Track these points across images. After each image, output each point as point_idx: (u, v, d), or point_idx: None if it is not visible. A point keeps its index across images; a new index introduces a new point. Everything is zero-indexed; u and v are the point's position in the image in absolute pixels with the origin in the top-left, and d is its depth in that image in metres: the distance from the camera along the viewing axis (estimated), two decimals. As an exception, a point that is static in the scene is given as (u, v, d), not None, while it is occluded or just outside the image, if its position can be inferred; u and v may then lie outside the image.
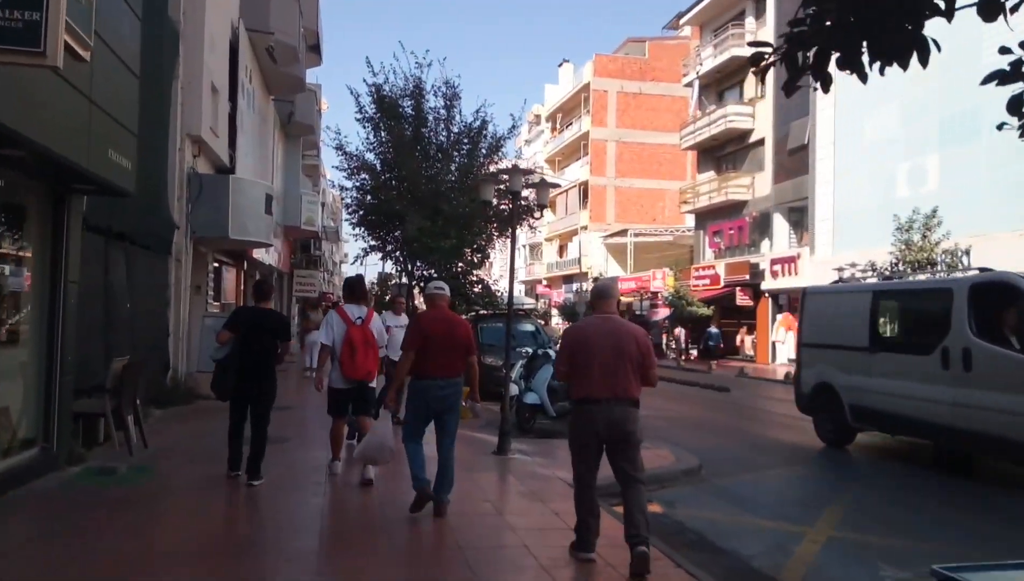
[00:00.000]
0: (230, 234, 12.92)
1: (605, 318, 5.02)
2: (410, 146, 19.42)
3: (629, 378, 4.79)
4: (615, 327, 4.93)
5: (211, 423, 10.28)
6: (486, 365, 15.41)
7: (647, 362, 4.91)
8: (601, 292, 5.28)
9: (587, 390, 4.78)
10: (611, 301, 5.20)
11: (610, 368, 4.76)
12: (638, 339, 4.94)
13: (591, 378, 4.77)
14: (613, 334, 4.86)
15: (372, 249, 21.07)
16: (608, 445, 4.80)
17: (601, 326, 4.94)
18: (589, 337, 4.90)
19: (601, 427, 4.73)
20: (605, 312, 5.07)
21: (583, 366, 4.82)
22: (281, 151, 24.32)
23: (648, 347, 5.01)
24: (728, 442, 10.47)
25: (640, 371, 4.87)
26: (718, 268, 32.31)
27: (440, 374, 5.60)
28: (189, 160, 12.77)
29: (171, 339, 12.15)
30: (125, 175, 7.12)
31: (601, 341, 4.82)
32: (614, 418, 4.72)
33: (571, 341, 5.02)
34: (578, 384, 4.86)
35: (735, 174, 32.26)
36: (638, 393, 4.86)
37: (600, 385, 4.74)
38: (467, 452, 8.66)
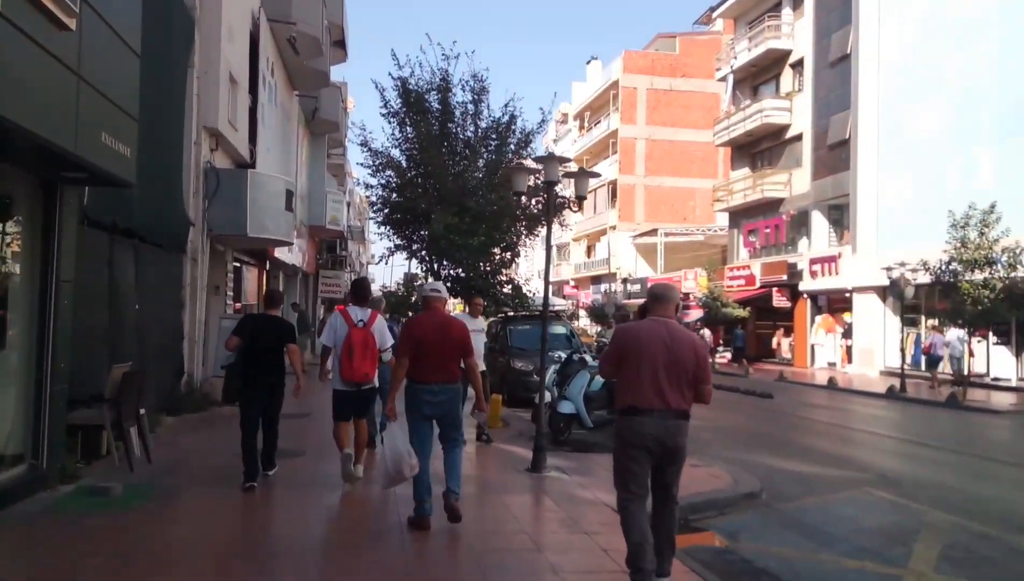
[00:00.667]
0: (248, 232, 12.29)
1: (661, 322, 4.52)
2: (436, 142, 18.74)
3: (682, 389, 4.38)
4: (671, 333, 4.45)
5: (224, 432, 9.64)
6: (515, 370, 14.64)
7: (703, 375, 4.45)
8: (659, 295, 4.71)
9: (635, 398, 4.36)
10: (669, 305, 4.65)
11: (664, 376, 4.34)
12: (696, 349, 4.46)
13: (640, 385, 4.35)
14: (668, 340, 4.40)
15: (397, 248, 20.43)
16: (656, 458, 4.39)
17: (656, 330, 4.46)
18: (642, 340, 4.44)
19: (651, 441, 4.31)
20: (661, 315, 4.57)
21: (632, 371, 4.40)
22: (306, 149, 23.76)
23: (705, 359, 4.52)
24: (784, 457, 9.57)
25: (694, 384, 4.43)
26: (753, 268, 31.22)
27: (434, 379, 5.42)
28: (206, 154, 12.17)
29: (186, 343, 11.54)
30: (123, 163, 6.44)
31: (654, 346, 4.38)
32: (666, 430, 4.32)
33: (621, 342, 4.56)
34: (626, 391, 4.44)
35: (771, 171, 31.15)
36: (689, 406, 4.44)
37: (650, 394, 4.33)
38: (497, 469, 7.89)
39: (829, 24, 28.11)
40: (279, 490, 6.72)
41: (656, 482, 4.46)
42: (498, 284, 11.89)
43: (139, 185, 9.40)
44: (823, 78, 28.50)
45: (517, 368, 14.54)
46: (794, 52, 30.36)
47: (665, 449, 4.32)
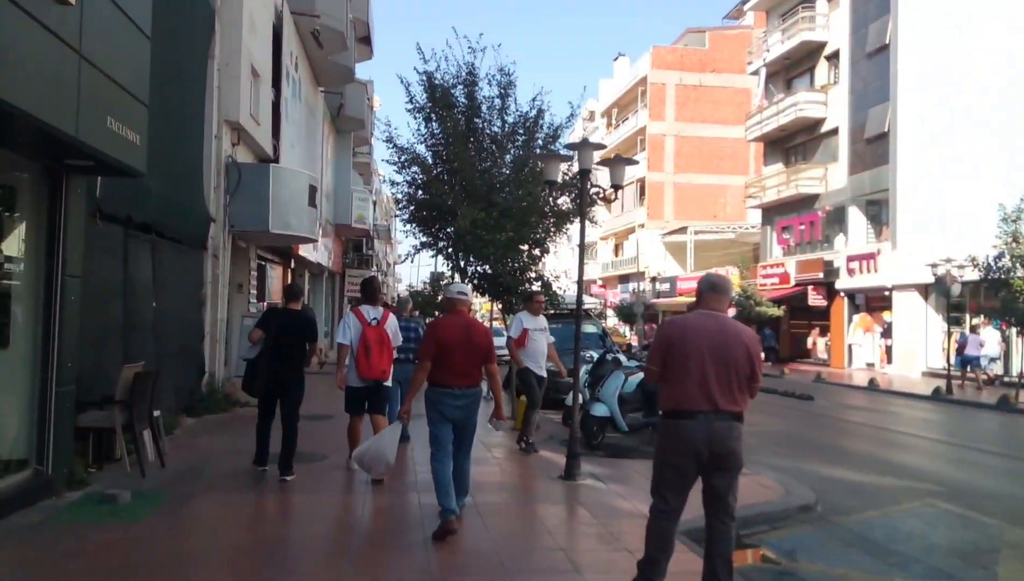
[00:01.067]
0: (271, 228, 11.96)
1: (711, 316, 4.12)
2: (462, 137, 18.33)
3: (734, 388, 3.98)
4: (722, 327, 4.06)
5: (245, 435, 9.23)
6: (548, 370, 14.15)
7: (755, 373, 4.05)
8: (712, 285, 4.24)
9: (682, 399, 3.97)
10: (723, 298, 4.24)
11: (712, 375, 3.95)
12: (748, 344, 4.04)
13: (687, 385, 3.96)
14: (719, 335, 4.01)
15: (423, 246, 20.06)
16: (704, 466, 3.97)
17: (705, 324, 4.06)
18: (689, 335, 4.03)
19: (699, 445, 3.91)
20: (713, 309, 4.17)
21: (679, 369, 4.00)
22: (331, 146, 23.49)
23: (759, 355, 4.07)
24: (835, 465, 8.95)
25: (747, 383, 4.03)
26: (788, 266, 30.38)
27: (455, 383, 5.31)
28: (227, 148, 11.85)
29: (207, 341, 11.23)
30: (133, 151, 6.07)
31: (703, 342, 3.99)
32: (715, 434, 3.91)
33: (667, 337, 4.12)
34: (671, 391, 4.04)
35: (806, 166, 30.28)
36: (744, 407, 4.02)
37: (699, 394, 3.94)
38: (528, 476, 7.41)
39: (866, 14, 27.21)
40: (297, 496, 6.31)
41: (707, 495, 4.02)
42: (527, 281, 11.37)
43: (157, 179, 9.13)
44: (860, 70, 27.60)
45: (548, 368, 14.05)
46: (829, 44, 29.48)
47: (713, 455, 3.90)
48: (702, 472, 3.98)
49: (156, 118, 9.08)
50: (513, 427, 10.52)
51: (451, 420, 5.37)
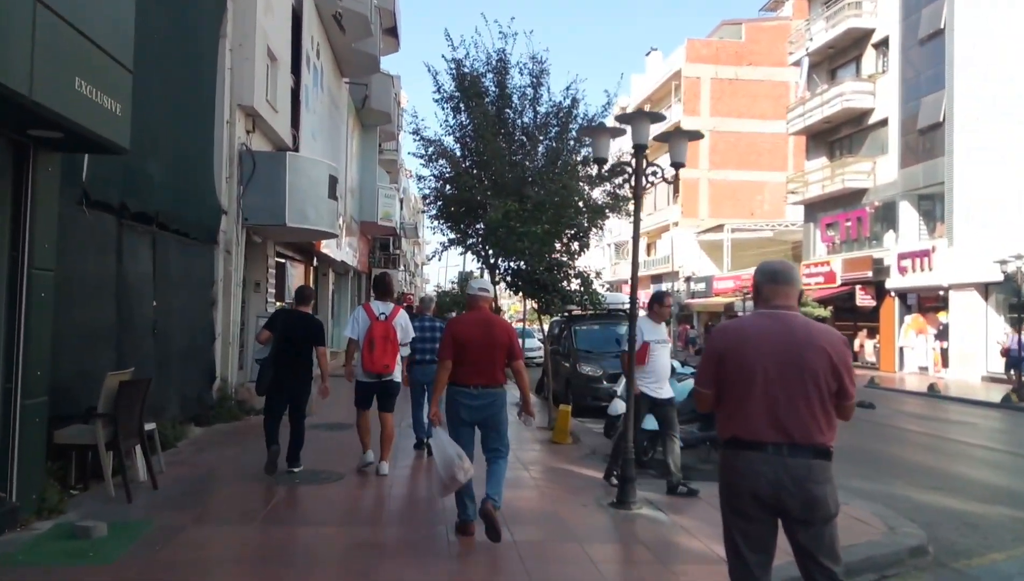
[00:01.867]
0: (287, 221, 11.08)
1: (775, 316, 3.10)
2: (493, 128, 17.38)
3: (815, 413, 2.98)
4: (792, 330, 3.05)
5: (255, 447, 8.37)
6: (582, 375, 13.10)
7: (845, 389, 3.02)
8: (773, 273, 3.22)
9: (741, 427, 3.05)
10: (789, 290, 3.18)
11: (782, 395, 3.00)
12: (831, 350, 3.01)
13: (750, 409, 3.03)
14: (789, 340, 3.03)
15: (452, 243, 19.14)
16: (783, 518, 3.01)
17: (769, 327, 3.07)
18: (749, 344, 3.07)
19: (765, 487, 2.96)
20: (778, 306, 3.13)
21: (738, 389, 3.06)
22: (356, 141, 22.68)
23: (848, 365, 3.06)
24: (929, 489, 7.74)
25: (833, 403, 3.03)
26: (833, 264, 28.94)
27: (473, 382, 5.12)
28: (241, 135, 11.00)
29: (218, 344, 10.37)
30: (112, 122, 5.17)
31: (768, 350, 3.03)
32: (789, 475, 2.94)
33: (719, 349, 3.16)
34: (729, 417, 3.11)
35: (853, 159, 28.82)
36: (831, 438, 3.01)
37: (765, 421, 3.00)
38: (573, 502, 6.37)
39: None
40: (304, 529, 5.36)
41: (795, 551, 3.03)
42: (565, 278, 10.33)
43: (159, 164, 8.27)
44: (911, 57, 26.11)
45: (584, 373, 13.02)
46: (877, 31, 27.98)
47: (788, 502, 2.94)
48: (784, 524, 3.02)
49: (158, 97, 8.24)
50: (552, 438, 9.50)
51: (469, 422, 5.17)
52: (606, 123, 22.26)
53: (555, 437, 9.37)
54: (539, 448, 9.18)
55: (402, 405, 10.58)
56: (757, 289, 3.25)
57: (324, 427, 9.79)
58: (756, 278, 3.27)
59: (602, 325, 14.48)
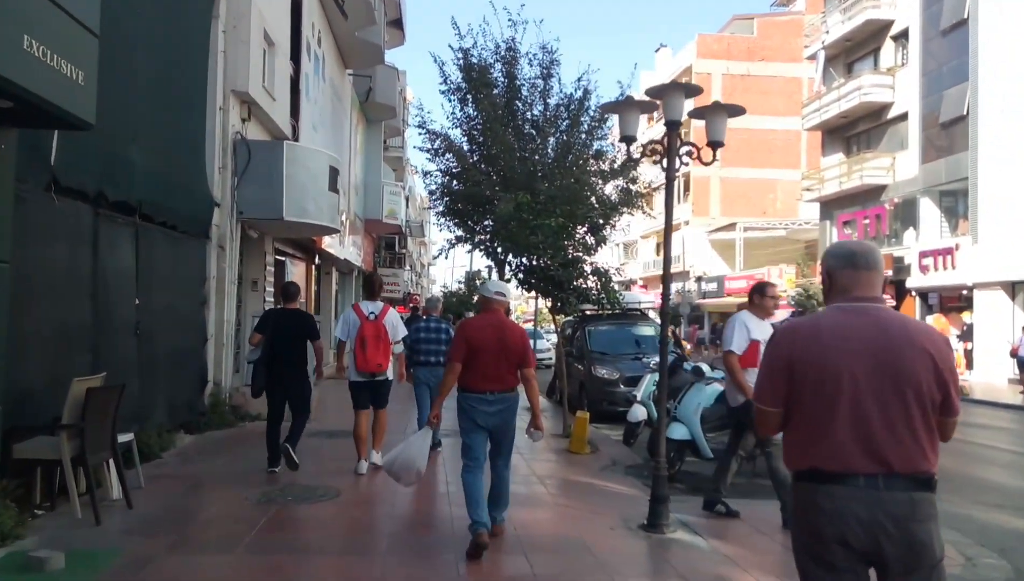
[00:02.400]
0: (284, 214, 10.41)
1: (861, 310, 2.44)
2: (501, 120, 16.72)
3: (918, 433, 2.36)
4: (885, 327, 2.40)
5: (248, 457, 7.74)
6: (597, 378, 12.39)
7: (951, 402, 2.41)
8: (851, 256, 2.54)
9: (828, 456, 2.38)
10: (875, 275, 2.50)
11: (876, 412, 2.36)
12: (934, 351, 2.38)
13: (833, 431, 2.37)
14: (885, 343, 2.38)
15: (459, 240, 18.46)
16: (878, 567, 2.38)
17: (856, 327, 2.41)
18: (831, 349, 2.41)
19: (861, 531, 2.31)
20: (862, 298, 2.47)
21: (818, 407, 2.41)
22: (360, 135, 22.02)
23: (955, 370, 2.44)
24: (993, 507, 6.95)
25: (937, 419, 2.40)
26: (851, 263, 28.07)
27: (488, 388, 4.95)
28: (236, 124, 10.34)
29: (210, 346, 9.71)
30: (72, 91, 4.51)
31: (855, 355, 2.38)
32: (888, 513, 2.30)
33: (789, 354, 2.47)
34: (806, 442, 2.45)
35: (872, 154, 28.00)
36: (935, 464, 2.39)
37: (854, 446, 2.35)
38: (597, 524, 5.66)
39: (941, -13, 24.94)
40: (291, 557, 4.67)
41: None
42: (580, 275, 9.60)
43: (144, 151, 7.59)
44: (933, 49, 25.31)
45: (599, 376, 12.31)
46: (897, 22, 27.19)
47: (887, 548, 2.31)
48: (876, 571, 2.38)
49: (141, 78, 7.57)
50: (568, 448, 8.80)
51: (485, 428, 4.99)
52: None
53: (572, 446, 8.68)
54: (555, 459, 8.48)
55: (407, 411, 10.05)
56: (830, 277, 2.58)
57: (324, 435, 9.13)
58: (828, 263, 2.59)
59: (618, 325, 13.79)
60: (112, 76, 6.56)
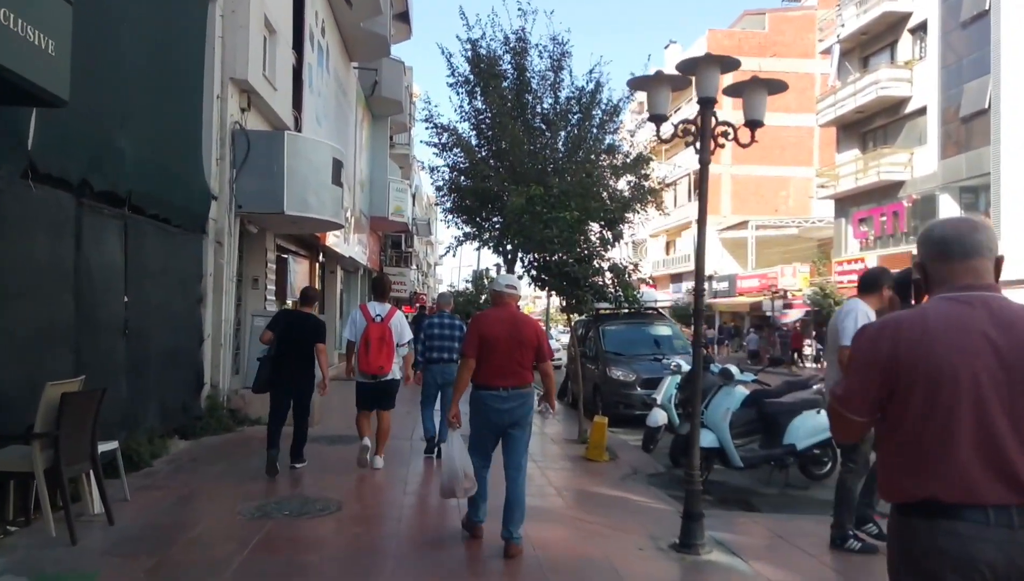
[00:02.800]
0: (285, 209, 9.92)
1: (976, 301, 1.96)
2: (511, 113, 16.23)
3: None
4: (1010, 323, 1.91)
5: (245, 464, 7.26)
6: (613, 380, 11.86)
7: None
8: (958, 237, 2.05)
9: (948, 482, 1.90)
10: (975, 263, 2.01)
11: (1007, 426, 1.86)
12: None
13: (952, 452, 1.89)
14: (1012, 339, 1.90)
15: (467, 237, 17.96)
16: None
17: (972, 320, 1.93)
18: (944, 347, 1.92)
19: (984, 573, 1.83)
20: (973, 286, 1.99)
21: (933, 420, 1.91)
22: (366, 131, 21.55)
23: None
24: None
25: None
26: (868, 261, 27.45)
27: (502, 383, 4.79)
28: (234, 113, 9.86)
29: (207, 346, 9.23)
30: (40, 62, 4.02)
31: (980, 356, 1.90)
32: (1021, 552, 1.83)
33: (890, 353, 1.98)
34: (917, 464, 1.95)
35: (889, 150, 27.36)
36: None
37: (979, 471, 1.87)
38: (623, 543, 5.13)
39: (961, -22, 24.30)
40: None
41: None
42: (596, 272, 9.04)
43: (135, 140, 7.08)
44: (952, 41, 24.68)
45: (615, 378, 11.79)
46: (915, 15, 26.56)
47: None
48: None
49: (131, 62, 7.10)
50: (585, 455, 8.28)
51: (499, 426, 4.86)
52: (630, 112, 20.99)
53: (589, 453, 8.16)
54: (571, 467, 7.96)
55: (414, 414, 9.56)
56: (924, 270, 2.09)
57: (324, 440, 8.64)
58: (927, 248, 2.09)
59: (633, 325, 13.26)
60: (95, 54, 6.10)
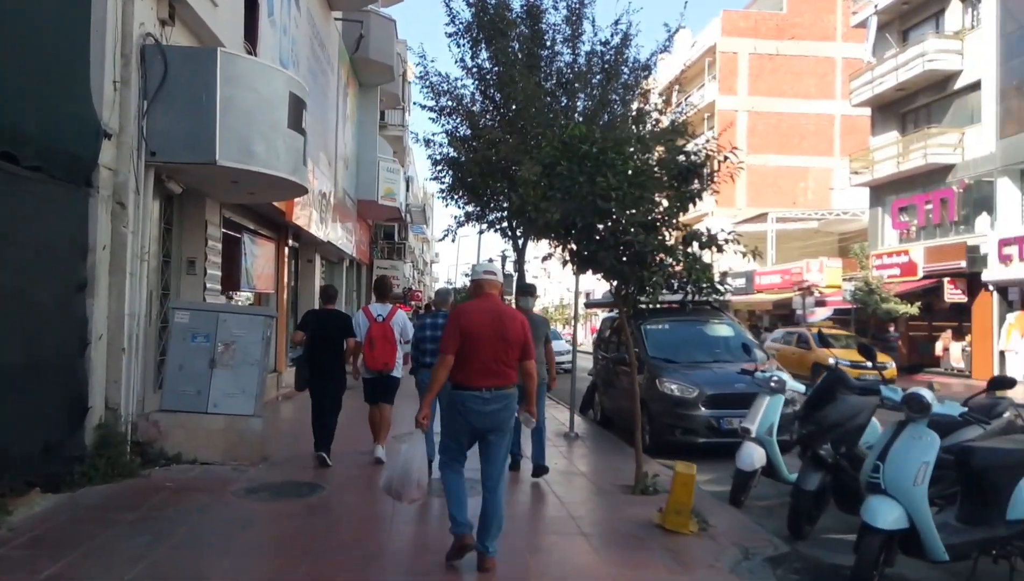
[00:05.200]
0: (218, 158, 7.00)
1: None
2: (522, 72, 13.45)
3: None
4: None
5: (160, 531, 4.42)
6: (668, 396, 8.92)
7: None
8: None
9: None
10: None
11: None
12: None
13: None
14: None
15: (468, 218, 15.13)
16: None
17: None
18: None
19: None
20: None
21: None
22: (352, 99, 18.65)
23: None
24: None
25: None
26: (913, 254, 24.68)
27: (483, 383, 4.35)
28: (148, 23, 6.96)
29: (97, 351, 6.34)
30: None
31: None
32: None
33: None
34: None
35: (938, 130, 24.56)
36: None
37: None
38: None
39: (1023, -65, 21.56)
40: None
41: None
42: (666, 249, 6.10)
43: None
44: (1012, 8, 21.92)
45: (668, 393, 8.87)
46: (966, -21, 23.83)
47: None
48: None
49: None
50: (658, 521, 5.40)
51: (477, 430, 4.43)
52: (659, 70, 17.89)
53: (667, 521, 5.27)
54: (643, 543, 5.07)
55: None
56: None
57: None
58: None
59: (683, 322, 10.32)
60: None
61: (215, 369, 7.02)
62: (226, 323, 7.07)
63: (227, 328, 7.06)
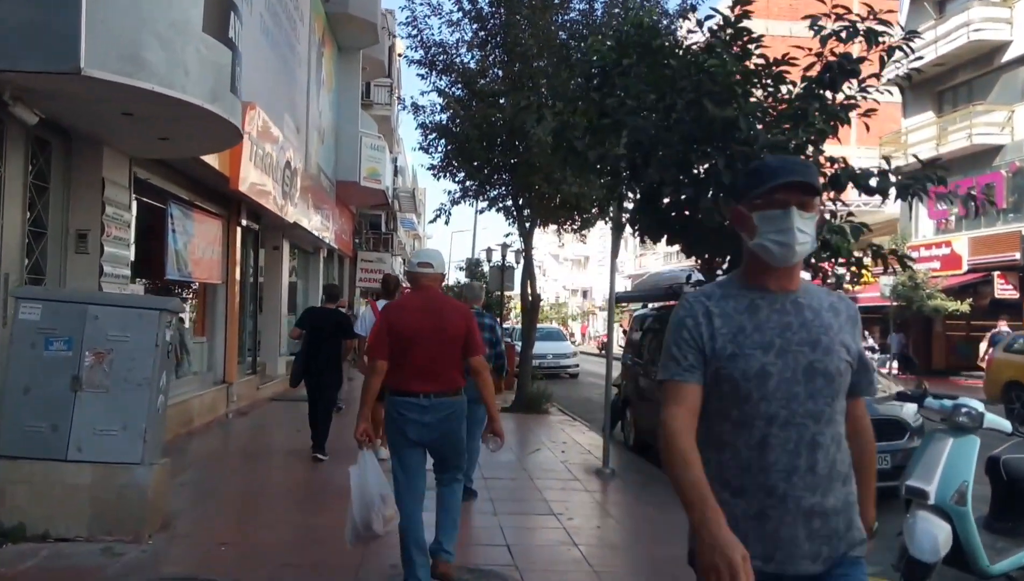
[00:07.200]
0: (83, 65, 4.50)
1: None
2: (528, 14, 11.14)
3: None
4: None
5: None
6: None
7: None
8: None
9: None
10: None
11: None
12: None
13: None
14: None
15: (465, 194, 12.67)
16: None
17: None
18: None
19: None
20: None
21: None
22: (329, 63, 16.13)
23: None
24: None
25: None
26: (956, 245, 22.36)
27: (421, 389, 3.85)
28: None
29: None
30: None
31: None
32: None
33: None
34: None
35: (984, 107, 22.22)
36: None
37: None
38: None
39: None
40: None
41: None
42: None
43: None
44: (1070, -32, 19.62)
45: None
46: (1015, -60, 21.48)
47: None
48: None
49: None
50: None
51: (419, 442, 3.90)
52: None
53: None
54: None
55: None
56: None
57: None
58: None
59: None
60: None
61: (80, 392, 4.54)
62: (99, 321, 4.59)
63: (100, 328, 4.58)
